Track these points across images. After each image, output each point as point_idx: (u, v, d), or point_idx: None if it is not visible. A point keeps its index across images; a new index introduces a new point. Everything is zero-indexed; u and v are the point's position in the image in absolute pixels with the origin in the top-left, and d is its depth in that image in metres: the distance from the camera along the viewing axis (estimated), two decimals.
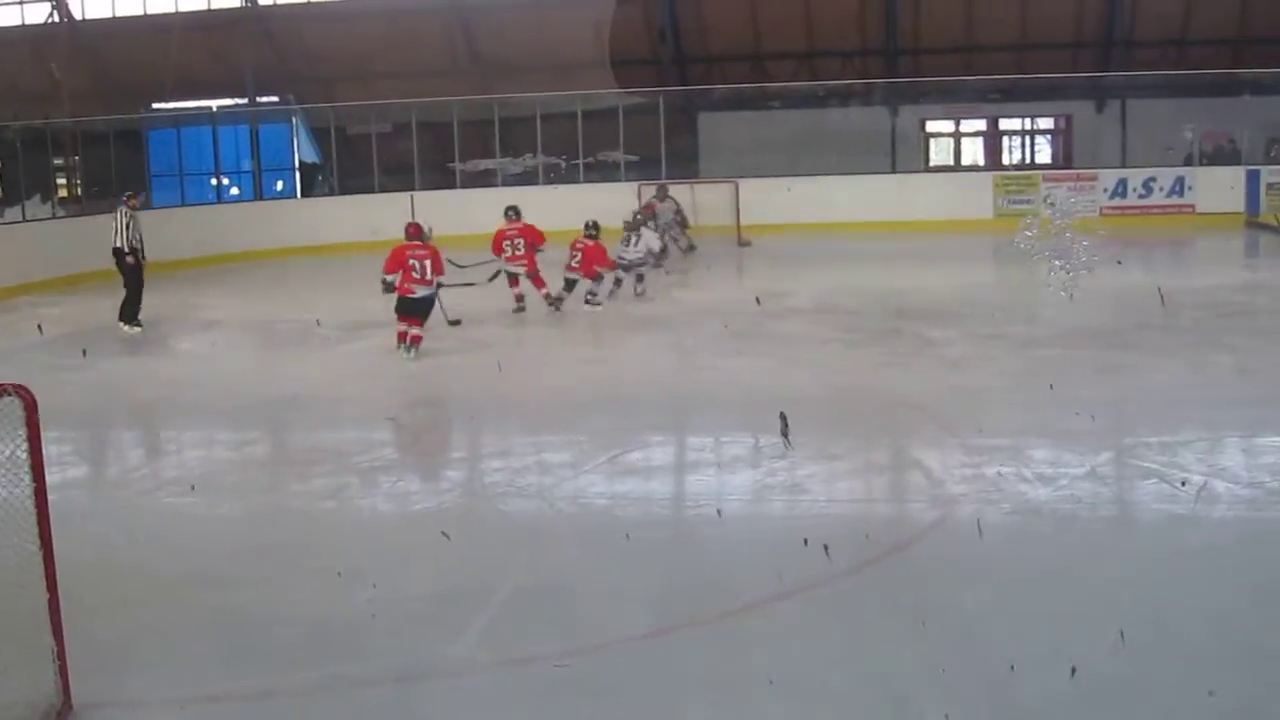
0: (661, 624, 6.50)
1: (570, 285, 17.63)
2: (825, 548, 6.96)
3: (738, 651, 6.12)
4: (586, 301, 17.52)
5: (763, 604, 6.61)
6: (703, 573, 7.30)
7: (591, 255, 17.53)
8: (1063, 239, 14.08)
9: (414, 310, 14.48)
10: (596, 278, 17.64)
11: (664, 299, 18.92)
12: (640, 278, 18.74)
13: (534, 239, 17.51)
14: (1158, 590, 6.66)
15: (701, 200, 28.38)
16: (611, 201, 24.28)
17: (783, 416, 9.39)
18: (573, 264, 17.59)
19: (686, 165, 32.16)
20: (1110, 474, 9.12)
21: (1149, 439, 9.70)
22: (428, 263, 14.52)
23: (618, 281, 18.36)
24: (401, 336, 14.45)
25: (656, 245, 19.91)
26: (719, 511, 8.30)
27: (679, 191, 26.71)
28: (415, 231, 14.88)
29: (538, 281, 17.43)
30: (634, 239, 18.88)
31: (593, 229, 17.74)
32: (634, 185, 28.64)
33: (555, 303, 17.44)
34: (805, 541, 7.09)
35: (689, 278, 22.29)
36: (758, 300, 16.98)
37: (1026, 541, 7.62)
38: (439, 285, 14.77)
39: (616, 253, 18.32)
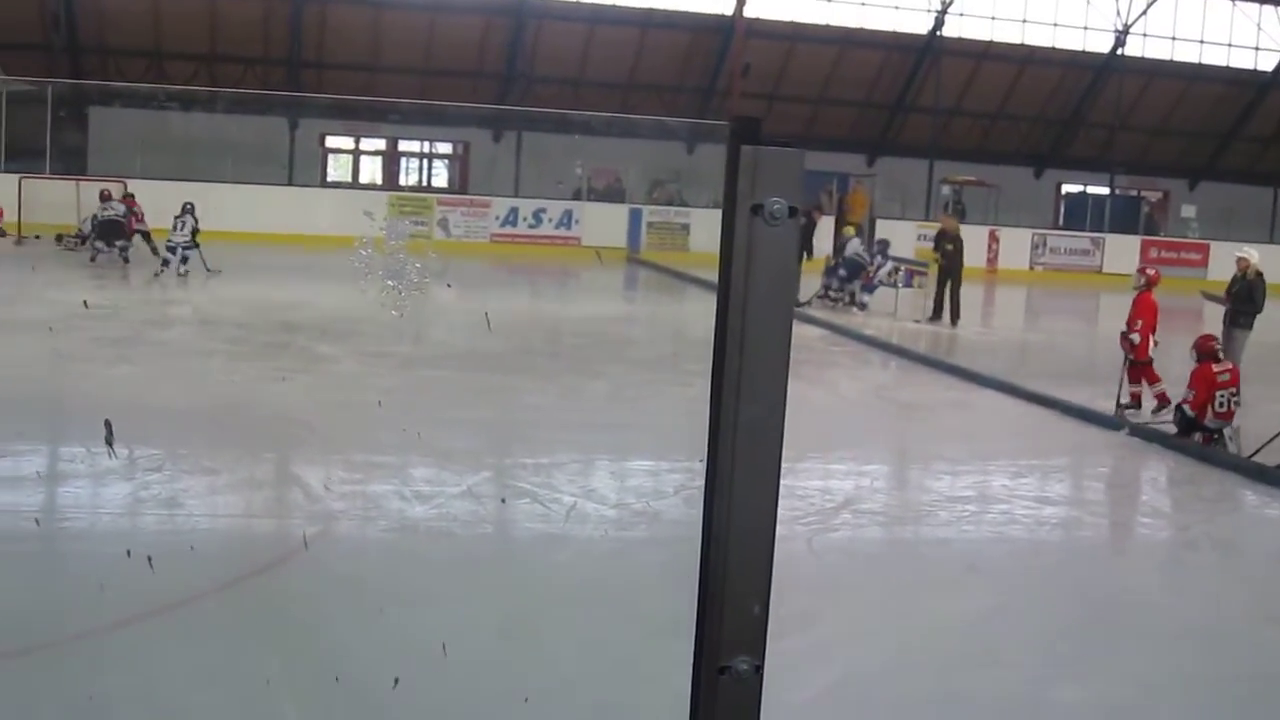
0: (21, 643, 6.07)
1: None
2: (149, 559, 6.60)
3: (99, 671, 5.80)
4: None
5: (129, 621, 6.31)
6: (65, 589, 6.88)
7: None
8: (395, 259, 14.36)
9: None
10: None
11: (38, 300, 17.79)
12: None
13: None
14: (530, 605, 6.89)
15: (87, 199, 26.92)
16: None
17: (107, 424, 8.98)
18: None
19: (73, 161, 30.46)
20: (486, 493, 9.38)
21: (525, 460, 10.06)
22: None
23: None
24: None
25: None
26: (38, 521, 7.86)
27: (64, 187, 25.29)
28: None
29: None
30: None
31: None
32: (15, 179, 26.82)
33: None
34: (129, 553, 6.77)
35: (63, 277, 21.08)
36: (85, 304, 16.17)
37: (403, 559, 7.70)
38: None
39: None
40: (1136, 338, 14.00)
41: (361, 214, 28.26)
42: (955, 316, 22.00)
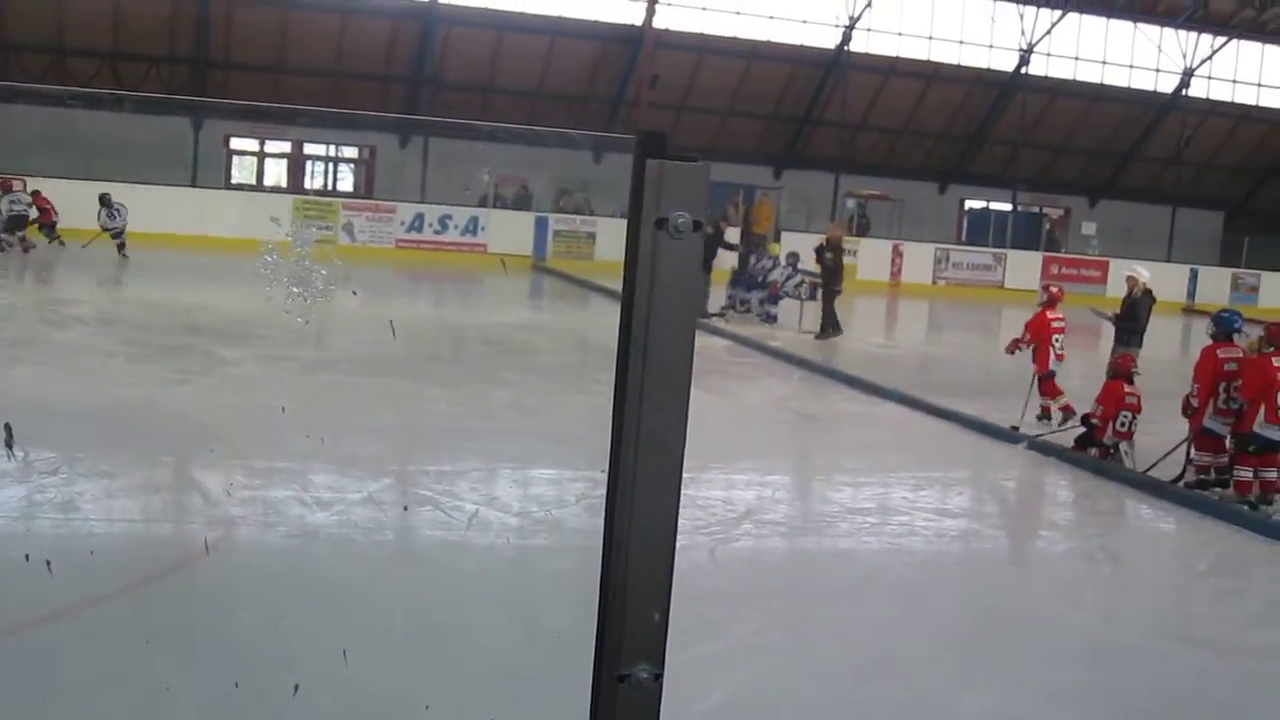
0: None
1: None
2: (48, 564, 6.55)
3: None
4: None
5: (25, 626, 6.20)
6: None
7: None
8: (301, 266, 14.26)
9: None
10: None
11: None
12: None
13: None
14: (430, 612, 6.86)
15: None
16: None
17: (7, 426, 8.83)
18: None
19: None
20: (388, 500, 9.33)
21: (428, 467, 10.03)
22: None
23: None
24: None
25: None
26: None
27: None
28: None
29: None
30: None
31: None
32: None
33: None
34: (27, 557, 6.67)
35: None
36: None
37: (304, 564, 7.64)
38: None
39: None
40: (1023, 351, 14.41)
41: (267, 218, 28.07)
42: (832, 328, 21.74)
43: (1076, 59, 43.13)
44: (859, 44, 40.59)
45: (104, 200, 24.35)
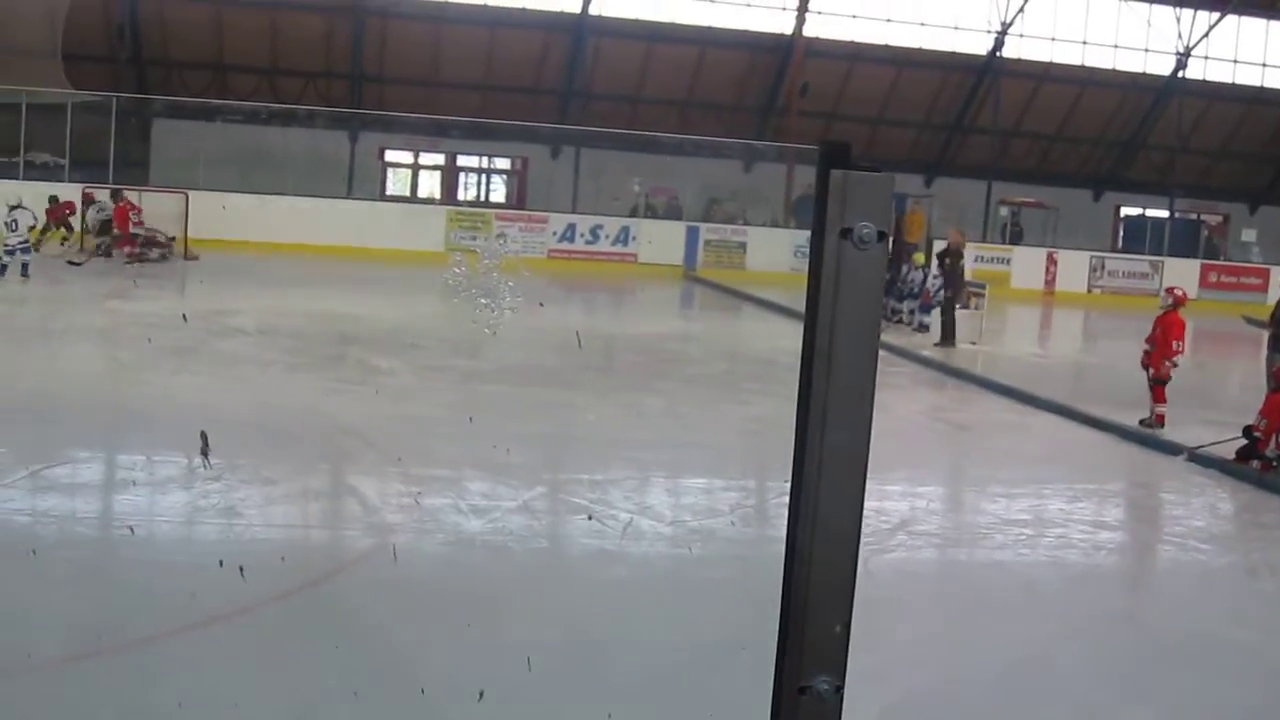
0: (75, 649, 6.14)
1: None
2: (241, 569, 6.76)
3: (154, 678, 5.86)
4: None
5: (185, 629, 6.37)
6: (123, 596, 6.95)
7: None
8: (489, 278, 14.44)
9: None
10: None
11: (98, 308, 18.03)
12: None
13: None
14: (583, 621, 6.91)
15: (151, 210, 27.26)
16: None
17: (203, 435, 9.10)
18: None
19: (136, 171, 30.84)
20: (542, 508, 9.41)
21: (581, 476, 10.09)
22: None
23: None
24: None
25: None
26: (131, 529, 7.95)
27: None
28: None
29: None
30: None
31: None
32: (79, 187, 27.25)
33: None
34: (221, 563, 6.89)
35: (128, 288, 21.35)
36: (184, 317, 16.44)
37: (459, 571, 7.74)
38: None
39: None
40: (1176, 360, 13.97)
41: (422, 230, 28.59)
42: (949, 337, 21.15)
43: (1235, 61, 42.04)
44: (1011, 49, 40.02)
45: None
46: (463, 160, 38.84)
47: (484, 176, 39.62)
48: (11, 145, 29.57)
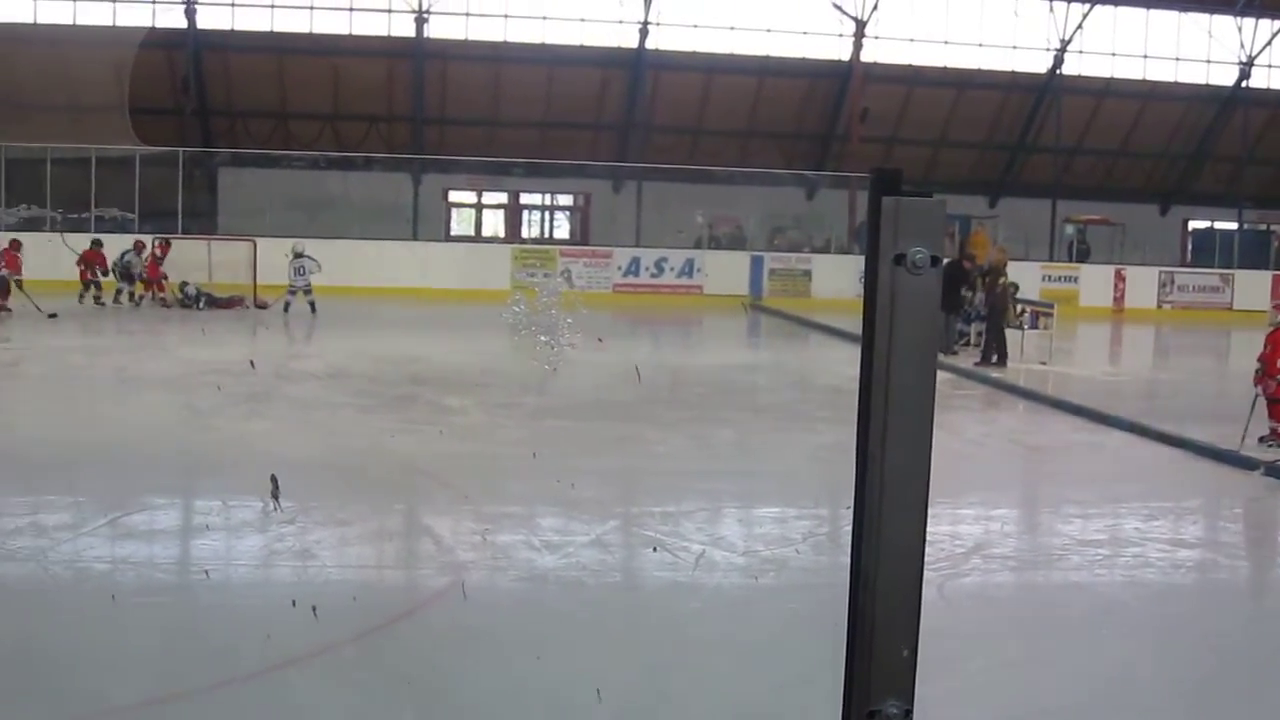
0: (157, 693, 6.21)
1: None
2: (314, 609, 6.81)
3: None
4: None
5: (264, 672, 6.43)
6: (203, 640, 7.03)
7: None
8: (548, 315, 14.51)
9: None
10: None
11: (169, 356, 18.26)
12: None
13: None
14: (657, 654, 6.91)
15: (219, 258, 27.63)
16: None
17: (273, 479, 9.19)
18: None
19: (204, 220, 31.30)
20: (615, 542, 9.42)
21: (652, 509, 10.09)
22: None
23: None
24: None
25: None
26: (206, 573, 8.03)
27: (196, 246, 26.16)
28: None
29: None
30: None
31: None
32: (149, 237, 27.67)
33: None
34: (294, 603, 6.95)
35: (196, 334, 21.60)
36: (251, 364, 16.61)
37: (532, 608, 7.76)
38: None
39: None
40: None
41: (488, 268, 28.75)
42: (1001, 357, 20.87)
43: None
44: (1071, 66, 39.81)
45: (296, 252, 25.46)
46: (526, 198, 39.09)
47: (547, 213, 39.85)
48: (82, 200, 30.09)
